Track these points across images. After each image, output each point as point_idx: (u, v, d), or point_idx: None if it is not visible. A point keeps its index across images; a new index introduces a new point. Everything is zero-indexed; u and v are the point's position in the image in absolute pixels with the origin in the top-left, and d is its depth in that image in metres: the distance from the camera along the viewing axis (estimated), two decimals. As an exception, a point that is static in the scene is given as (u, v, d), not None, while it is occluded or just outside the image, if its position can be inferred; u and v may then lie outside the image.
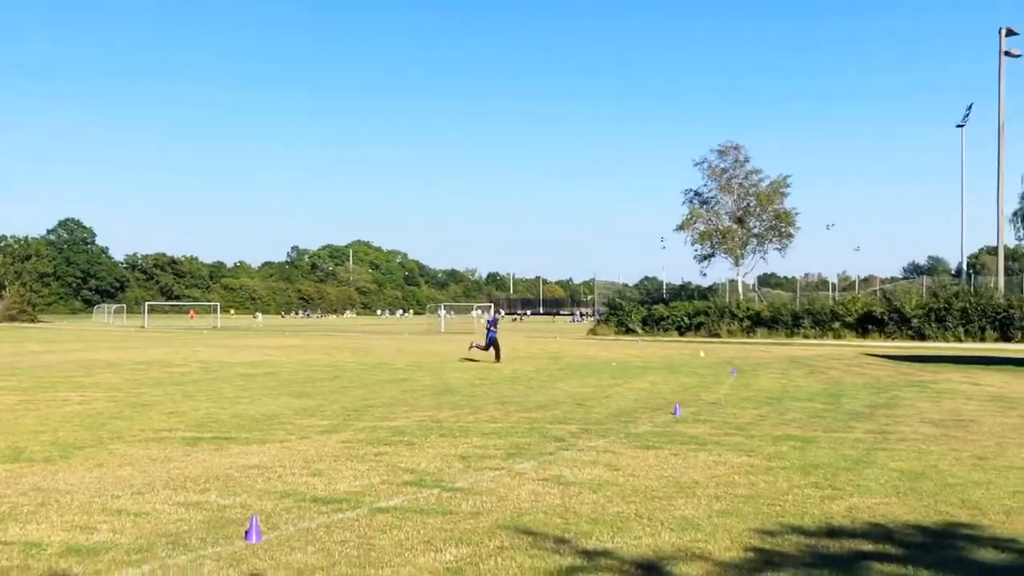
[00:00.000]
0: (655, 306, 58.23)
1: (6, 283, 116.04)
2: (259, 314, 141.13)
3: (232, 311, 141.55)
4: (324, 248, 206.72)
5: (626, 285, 79.40)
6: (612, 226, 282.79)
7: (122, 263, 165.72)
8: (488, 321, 32.40)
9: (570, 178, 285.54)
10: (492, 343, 29.76)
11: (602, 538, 6.92)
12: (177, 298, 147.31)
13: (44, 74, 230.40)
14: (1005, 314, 45.31)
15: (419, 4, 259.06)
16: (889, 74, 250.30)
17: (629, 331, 56.17)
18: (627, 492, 8.60)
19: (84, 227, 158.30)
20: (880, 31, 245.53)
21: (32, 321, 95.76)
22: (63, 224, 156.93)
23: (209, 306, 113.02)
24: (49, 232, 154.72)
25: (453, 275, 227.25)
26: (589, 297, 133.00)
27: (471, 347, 30.78)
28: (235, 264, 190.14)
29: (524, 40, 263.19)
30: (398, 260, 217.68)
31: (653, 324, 55.99)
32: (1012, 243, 56.23)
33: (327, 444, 11.66)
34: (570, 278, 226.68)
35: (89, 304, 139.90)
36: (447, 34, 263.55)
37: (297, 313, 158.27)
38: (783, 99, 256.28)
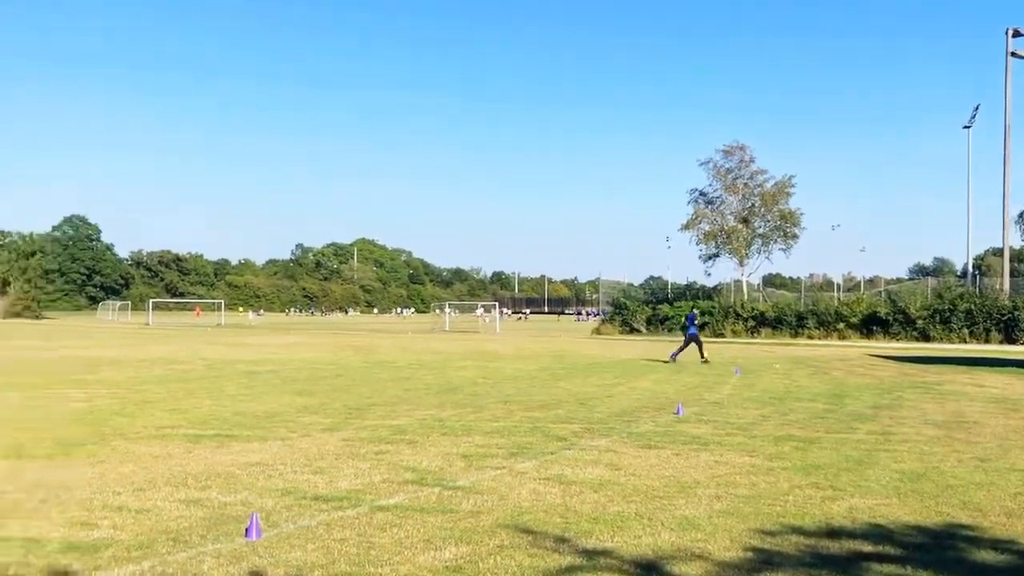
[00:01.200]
0: (660, 306, 58.28)
1: (11, 280, 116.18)
2: (259, 311, 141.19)
3: (241, 309, 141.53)
4: (329, 246, 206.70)
5: (631, 284, 79.57)
6: (618, 225, 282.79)
7: (127, 260, 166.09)
8: (687, 319, 30.97)
9: (576, 177, 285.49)
10: (693, 340, 29.12)
11: (602, 537, 6.92)
12: (182, 295, 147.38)
13: (49, 67, 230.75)
14: (1010, 316, 45.21)
15: (429, 6, 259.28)
16: (895, 75, 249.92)
17: (633, 330, 56.18)
18: (628, 491, 8.60)
19: (89, 224, 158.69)
20: (887, 31, 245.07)
21: (36, 318, 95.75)
22: (68, 221, 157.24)
23: (213, 303, 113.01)
24: (54, 229, 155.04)
25: (458, 274, 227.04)
26: (594, 296, 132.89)
27: (675, 354, 29.23)
28: (240, 262, 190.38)
29: (530, 44, 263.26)
30: (403, 258, 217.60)
31: (657, 324, 56.00)
32: (1017, 244, 56.45)
33: (328, 442, 11.67)
34: (575, 277, 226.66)
35: (94, 301, 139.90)
36: (456, 35, 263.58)
37: (301, 311, 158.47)
38: (789, 100, 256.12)
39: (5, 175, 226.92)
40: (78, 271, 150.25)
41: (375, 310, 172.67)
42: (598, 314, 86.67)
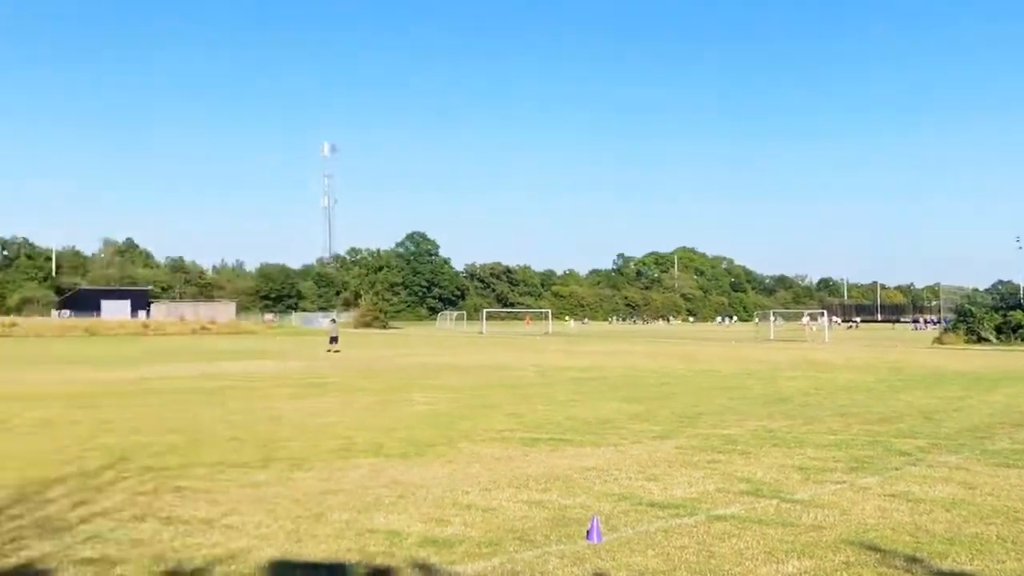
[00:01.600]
0: (1012, 312, 53.25)
1: (362, 293, 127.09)
2: (584, 320, 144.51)
3: (566, 318, 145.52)
4: (649, 255, 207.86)
5: (976, 290, 73.16)
6: (958, 227, 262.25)
7: (462, 272, 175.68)
8: None
9: (914, 175, 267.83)
10: None
11: (959, 559, 6.47)
12: (511, 305, 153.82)
13: (393, 95, 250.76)
14: None
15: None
16: None
17: (981, 340, 51.76)
18: (986, 512, 7.97)
19: (429, 240, 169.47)
20: None
21: (383, 327, 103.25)
22: (410, 237, 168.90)
23: (541, 312, 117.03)
24: (398, 245, 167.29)
25: (782, 281, 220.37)
26: (933, 303, 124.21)
27: None
28: (564, 272, 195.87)
29: (848, 49, 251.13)
30: (723, 266, 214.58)
31: (1010, 332, 51.24)
32: None
33: (660, 449, 11.75)
34: (911, 283, 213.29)
35: (433, 311, 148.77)
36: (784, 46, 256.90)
37: (623, 319, 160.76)
38: None
39: (358, 199, 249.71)
40: (419, 284, 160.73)
41: (691, 319, 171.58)
42: (938, 322, 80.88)
